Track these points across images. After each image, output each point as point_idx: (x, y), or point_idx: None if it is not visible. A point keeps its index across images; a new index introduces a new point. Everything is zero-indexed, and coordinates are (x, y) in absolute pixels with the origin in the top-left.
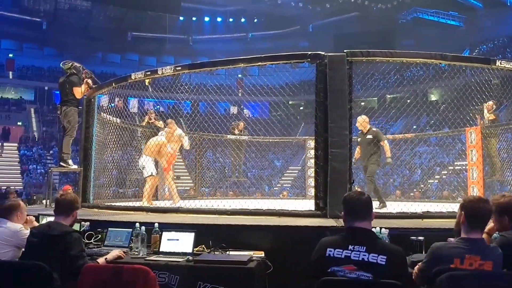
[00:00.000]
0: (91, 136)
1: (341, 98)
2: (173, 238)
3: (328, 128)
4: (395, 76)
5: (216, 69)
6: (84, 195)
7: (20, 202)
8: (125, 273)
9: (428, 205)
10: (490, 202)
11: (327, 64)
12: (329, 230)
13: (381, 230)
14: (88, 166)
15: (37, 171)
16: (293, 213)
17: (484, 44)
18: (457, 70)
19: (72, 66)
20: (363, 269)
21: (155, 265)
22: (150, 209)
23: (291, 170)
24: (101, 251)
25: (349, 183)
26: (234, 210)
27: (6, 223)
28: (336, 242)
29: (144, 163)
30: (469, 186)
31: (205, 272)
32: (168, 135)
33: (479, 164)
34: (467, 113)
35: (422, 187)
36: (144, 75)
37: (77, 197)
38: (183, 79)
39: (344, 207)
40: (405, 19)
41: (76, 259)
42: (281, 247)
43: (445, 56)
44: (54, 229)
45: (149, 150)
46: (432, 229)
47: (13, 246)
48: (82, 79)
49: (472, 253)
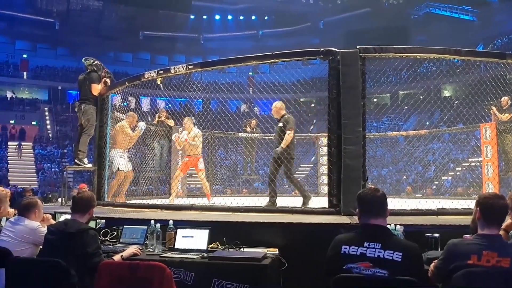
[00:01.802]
0: (105, 134)
1: (354, 95)
2: (188, 235)
3: (342, 125)
4: (408, 72)
5: (228, 67)
6: (98, 193)
7: (38, 200)
8: (141, 269)
9: (443, 202)
10: (506, 198)
11: (339, 60)
12: (343, 227)
13: (396, 227)
14: (103, 165)
15: (51, 169)
16: (307, 211)
17: (498, 38)
18: (471, 66)
19: (93, 63)
20: (379, 266)
21: (171, 262)
22: (164, 206)
23: (303, 168)
24: (117, 248)
25: (363, 180)
26: (248, 208)
27: (24, 221)
28: (351, 239)
29: (112, 157)
30: (484, 183)
31: (220, 269)
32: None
33: (494, 160)
34: (482, 109)
35: (436, 184)
36: (157, 74)
37: (93, 195)
38: (194, 78)
39: (359, 204)
40: (417, 14)
41: (92, 256)
42: (295, 244)
43: (459, 51)
44: (71, 226)
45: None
46: (448, 226)
47: (31, 243)
48: (101, 77)
49: (490, 250)
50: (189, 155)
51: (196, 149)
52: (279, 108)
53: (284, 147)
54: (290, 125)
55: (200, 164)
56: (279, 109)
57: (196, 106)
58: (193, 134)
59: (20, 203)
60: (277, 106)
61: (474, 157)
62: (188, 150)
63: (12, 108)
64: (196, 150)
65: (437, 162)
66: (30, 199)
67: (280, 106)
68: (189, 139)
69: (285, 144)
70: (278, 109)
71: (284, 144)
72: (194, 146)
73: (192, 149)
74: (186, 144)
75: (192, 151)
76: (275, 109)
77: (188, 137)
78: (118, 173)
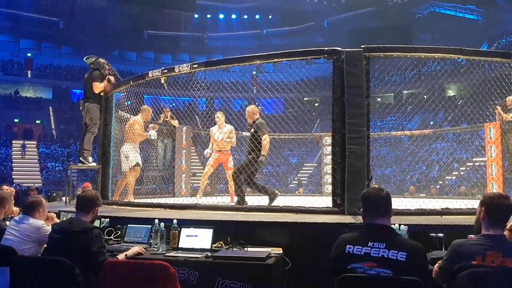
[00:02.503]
0: (109, 133)
1: (359, 94)
2: (192, 234)
3: (346, 124)
4: (412, 72)
5: (232, 66)
6: (103, 192)
7: (42, 199)
8: (145, 269)
9: (447, 202)
10: (510, 198)
11: (344, 60)
12: (347, 227)
13: (400, 227)
14: (107, 164)
15: (55, 168)
16: (311, 210)
17: (503, 38)
18: (476, 65)
19: (95, 61)
20: (383, 265)
21: (175, 261)
22: (168, 205)
23: (306, 167)
24: (121, 247)
25: (367, 180)
26: (251, 207)
27: (28, 220)
28: (356, 238)
29: (126, 151)
30: (488, 183)
31: (224, 268)
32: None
33: (498, 160)
34: (486, 109)
35: (440, 183)
36: (161, 73)
37: (97, 194)
38: (198, 77)
39: (363, 204)
40: (421, 13)
41: (97, 255)
42: (299, 244)
43: (464, 51)
44: (75, 225)
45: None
46: (452, 226)
47: (35, 242)
48: (104, 75)
49: (494, 250)
50: (220, 151)
51: (228, 145)
52: (252, 112)
53: (265, 154)
54: (262, 130)
55: (230, 163)
56: (252, 114)
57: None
58: (226, 129)
59: (24, 201)
60: (250, 110)
61: (479, 157)
62: (220, 145)
63: (17, 107)
64: (228, 146)
65: (441, 161)
66: (34, 198)
67: (252, 111)
68: (224, 135)
69: (265, 152)
70: (251, 114)
71: (264, 151)
72: (226, 142)
73: (225, 144)
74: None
75: (224, 147)
76: (248, 113)
77: (220, 133)
78: (135, 169)
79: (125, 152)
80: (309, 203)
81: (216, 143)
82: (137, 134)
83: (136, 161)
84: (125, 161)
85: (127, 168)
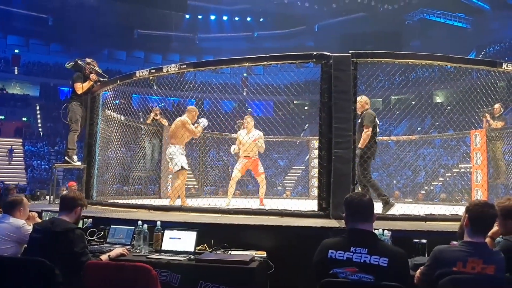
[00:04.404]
0: (95, 133)
1: (346, 99)
2: (175, 237)
3: (333, 128)
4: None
5: (221, 67)
6: (87, 192)
7: (23, 198)
8: (127, 270)
9: (432, 207)
10: (495, 206)
11: (332, 64)
12: (331, 231)
13: (383, 232)
14: (92, 163)
15: (41, 167)
16: (296, 213)
17: (491, 46)
18: (462, 72)
19: (74, 64)
20: (365, 271)
21: (157, 263)
22: (153, 207)
23: (294, 170)
24: (103, 248)
25: (352, 184)
26: (237, 210)
27: (8, 219)
28: (338, 243)
29: (172, 154)
30: (473, 189)
31: (207, 272)
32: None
33: (483, 167)
34: (472, 116)
35: (426, 189)
36: (149, 73)
37: (81, 194)
38: (188, 77)
39: (346, 209)
40: (411, 20)
41: (79, 256)
42: (284, 248)
43: (451, 58)
44: (57, 225)
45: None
46: (435, 232)
47: (15, 242)
48: (86, 75)
49: (475, 257)
50: (249, 157)
51: (257, 151)
52: (365, 102)
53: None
54: (366, 123)
55: (260, 168)
56: (365, 103)
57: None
58: (257, 135)
59: (5, 200)
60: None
61: (464, 163)
62: (248, 150)
63: (3, 104)
64: (256, 151)
65: (427, 167)
66: (15, 197)
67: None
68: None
69: (362, 145)
70: (363, 103)
71: (361, 145)
72: (255, 147)
73: (254, 150)
74: (251, 145)
75: (254, 152)
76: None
77: (250, 138)
78: (182, 172)
79: (170, 155)
80: (295, 206)
81: (244, 147)
82: (185, 134)
83: (180, 165)
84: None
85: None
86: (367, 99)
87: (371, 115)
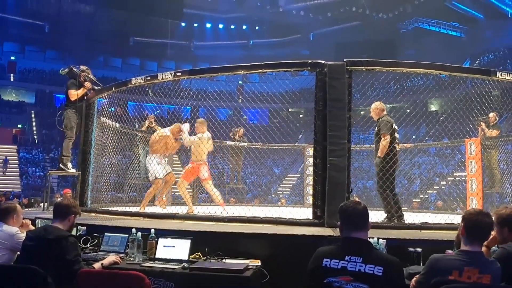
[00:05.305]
0: (90, 140)
1: (340, 107)
2: (169, 245)
3: (327, 136)
4: (395, 86)
5: (217, 75)
6: (81, 199)
7: (17, 205)
8: (120, 279)
9: (427, 216)
10: (491, 215)
11: (327, 72)
12: (326, 239)
13: (378, 241)
14: (86, 170)
15: (36, 174)
16: (291, 222)
17: (485, 55)
18: (457, 81)
19: (68, 71)
20: (360, 280)
21: (151, 271)
22: (147, 215)
23: (289, 178)
24: (97, 256)
25: (347, 193)
26: (231, 218)
27: (2, 226)
28: (333, 252)
29: (148, 162)
30: (468, 198)
31: (201, 280)
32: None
33: (478, 176)
34: (467, 124)
35: (421, 197)
36: (145, 81)
37: (75, 202)
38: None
39: (340, 217)
40: (406, 29)
41: (72, 263)
42: (278, 256)
43: (446, 67)
44: (50, 233)
45: (151, 146)
46: (431, 241)
47: (8, 249)
48: (80, 82)
49: (471, 266)
50: (193, 161)
51: (200, 155)
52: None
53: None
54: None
55: (205, 173)
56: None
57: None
58: (206, 136)
59: None
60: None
61: (459, 172)
62: (192, 155)
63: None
64: (199, 155)
65: (422, 175)
66: (9, 204)
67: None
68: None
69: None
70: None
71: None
72: (197, 151)
73: (196, 154)
74: (193, 148)
75: (196, 157)
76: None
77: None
78: (156, 181)
79: (146, 163)
80: (290, 214)
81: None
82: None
83: (154, 175)
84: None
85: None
86: (382, 106)
87: (387, 122)
